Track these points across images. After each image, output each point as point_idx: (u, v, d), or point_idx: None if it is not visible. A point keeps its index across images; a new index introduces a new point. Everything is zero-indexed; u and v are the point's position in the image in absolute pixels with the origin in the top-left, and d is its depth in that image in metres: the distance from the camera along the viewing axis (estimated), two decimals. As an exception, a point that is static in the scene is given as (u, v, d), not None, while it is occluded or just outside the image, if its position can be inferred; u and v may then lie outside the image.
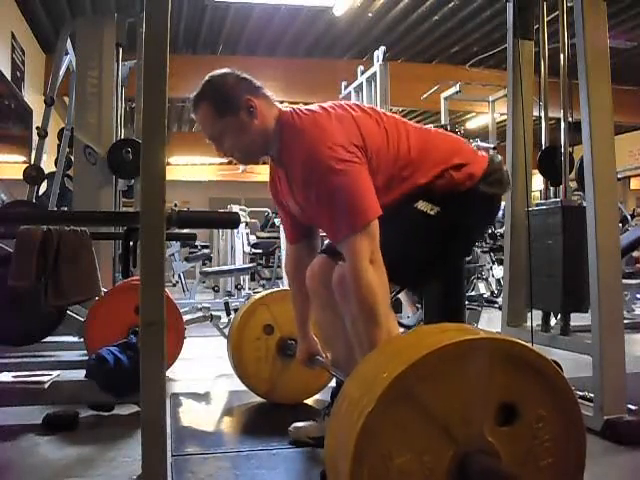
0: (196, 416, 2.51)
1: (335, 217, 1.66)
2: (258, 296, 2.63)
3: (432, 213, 1.76)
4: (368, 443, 1.07)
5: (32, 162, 4.52)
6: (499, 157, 1.94)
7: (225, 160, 14.43)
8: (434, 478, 1.11)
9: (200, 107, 1.78)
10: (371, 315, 1.60)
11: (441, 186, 1.78)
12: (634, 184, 12.48)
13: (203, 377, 3.22)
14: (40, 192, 4.85)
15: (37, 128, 4.47)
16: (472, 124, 10.94)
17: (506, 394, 1.15)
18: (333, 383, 2.17)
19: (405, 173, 1.78)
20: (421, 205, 1.77)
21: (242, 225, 7.47)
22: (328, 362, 2.03)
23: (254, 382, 2.55)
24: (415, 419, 1.10)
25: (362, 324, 1.63)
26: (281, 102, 1.89)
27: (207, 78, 1.80)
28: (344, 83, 5.48)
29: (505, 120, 2.94)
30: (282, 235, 7.41)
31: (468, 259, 5.14)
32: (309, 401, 2.69)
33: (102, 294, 2.74)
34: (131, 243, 2.05)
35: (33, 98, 6.85)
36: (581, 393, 2.28)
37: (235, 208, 8.24)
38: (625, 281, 4.56)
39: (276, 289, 2.77)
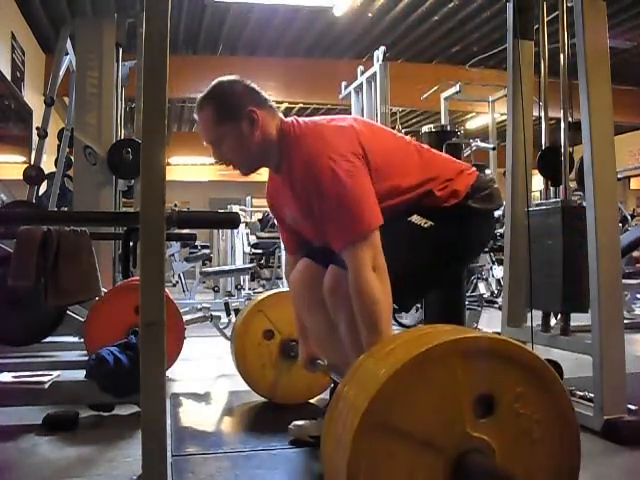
0: (196, 416, 2.51)
1: (336, 226, 1.67)
2: (252, 304, 2.64)
3: (426, 226, 1.79)
4: (358, 464, 1.07)
5: (32, 162, 4.52)
6: (489, 175, 1.97)
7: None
8: None
9: (204, 109, 1.78)
10: (373, 324, 1.60)
11: (428, 202, 1.81)
12: (634, 184, 12.48)
13: (203, 377, 3.22)
14: (40, 192, 4.85)
15: (37, 128, 4.47)
16: (472, 124, 10.94)
17: (479, 388, 1.15)
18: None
19: (402, 184, 1.80)
20: (415, 219, 1.80)
21: (242, 225, 7.47)
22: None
23: (260, 386, 2.58)
24: (395, 444, 1.10)
25: (364, 332, 1.63)
26: (281, 102, 1.89)
27: (216, 82, 1.80)
28: (344, 83, 5.48)
29: (505, 120, 2.94)
30: (282, 235, 7.41)
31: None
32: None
33: (102, 294, 2.74)
34: (131, 243, 2.05)
35: (33, 98, 6.85)
36: (581, 393, 2.29)
37: (235, 208, 8.24)
38: (625, 281, 4.56)
39: (270, 292, 2.78)
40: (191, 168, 14.37)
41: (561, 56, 2.67)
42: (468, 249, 2.00)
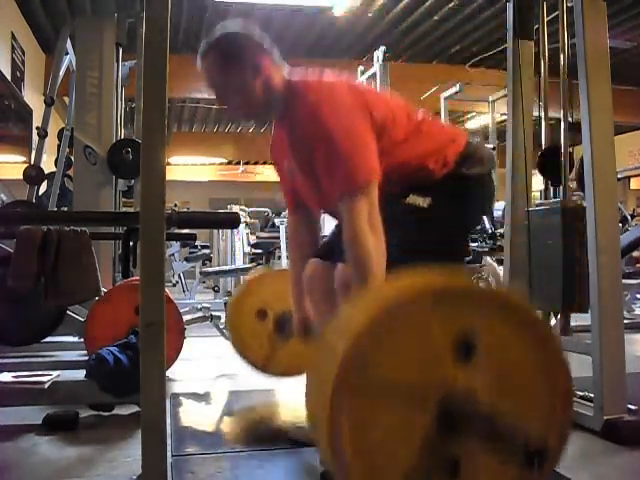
0: (196, 416, 2.51)
1: (335, 177, 1.67)
2: (243, 287, 2.63)
3: (425, 205, 1.77)
4: (339, 420, 1.05)
5: (32, 162, 4.53)
6: (476, 139, 1.95)
7: (225, 160, 14.47)
8: (421, 440, 1.09)
9: (208, 56, 1.81)
10: (363, 278, 1.59)
11: (422, 176, 1.79)
12: (634, 184, 12.47)
13: (203, 377, 3.22)
14: (40, 192, 4.85)
15: (37, 128, 4.48)
16: (472, 124, 10.94)
17: (454, 334, 1.12)
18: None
19: (400, 150, 1.79)
20: (411, 199, 1.78)
21: (242, 225, 7.47)
22: None
23: (258, 364, 2.57)
24: (375, 395, 1.08)
25: (355, 283, 1.63)
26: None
27: (221, 30, 1.84)
28: (344, 83, 5.47)
29: (505, 120, 2.93)
30: (282, 235, 7.42)
31: (468, 259, 5.14)
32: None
33: (102, 294, 2.74)
34: (131, 243, 2.06)
35: (33, 98, 6.85)
36: (581, 393, 2.28)
37: (235, 208, 8.23)
38: (625, 281, 4.56)
39: (257, 273, 2.76)
40: (191, 168, 14.37)
41: (561, 56, 2.67)
42: (471, 217, 2.01)
